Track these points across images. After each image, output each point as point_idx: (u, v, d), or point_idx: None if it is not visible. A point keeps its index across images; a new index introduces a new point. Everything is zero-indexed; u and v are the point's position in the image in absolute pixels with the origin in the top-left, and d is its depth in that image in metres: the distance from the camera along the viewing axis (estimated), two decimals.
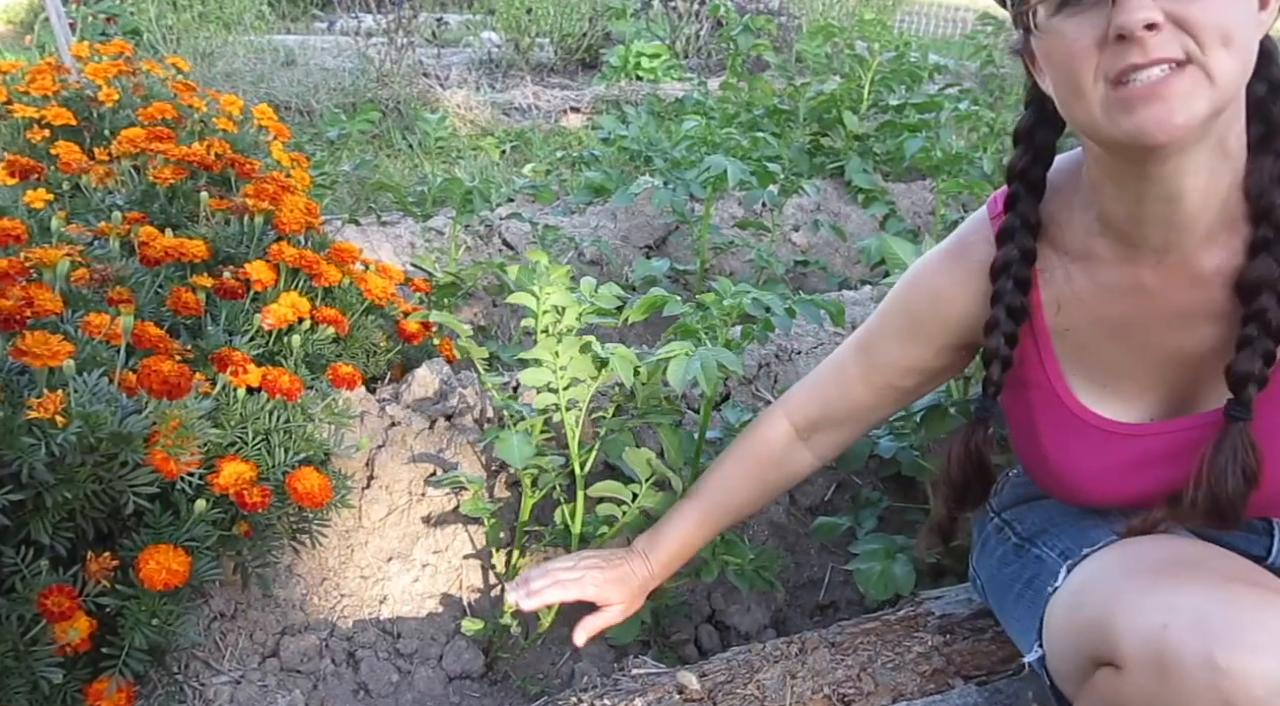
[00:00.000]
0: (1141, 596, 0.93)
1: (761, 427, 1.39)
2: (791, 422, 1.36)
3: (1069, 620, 1.04)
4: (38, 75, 2.21)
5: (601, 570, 1.37)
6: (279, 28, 6.55)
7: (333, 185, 3.24)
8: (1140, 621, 0.90)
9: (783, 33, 6.23)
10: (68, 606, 1.13)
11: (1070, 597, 1.06)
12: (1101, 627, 0.95)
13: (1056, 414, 1.09)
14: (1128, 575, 0.98)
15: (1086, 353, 1.07)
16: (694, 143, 3.06)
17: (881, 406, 1.32)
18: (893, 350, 1.26)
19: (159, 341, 1.38)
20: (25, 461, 1.11)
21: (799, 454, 1.37)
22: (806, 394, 1.37)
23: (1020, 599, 1.20)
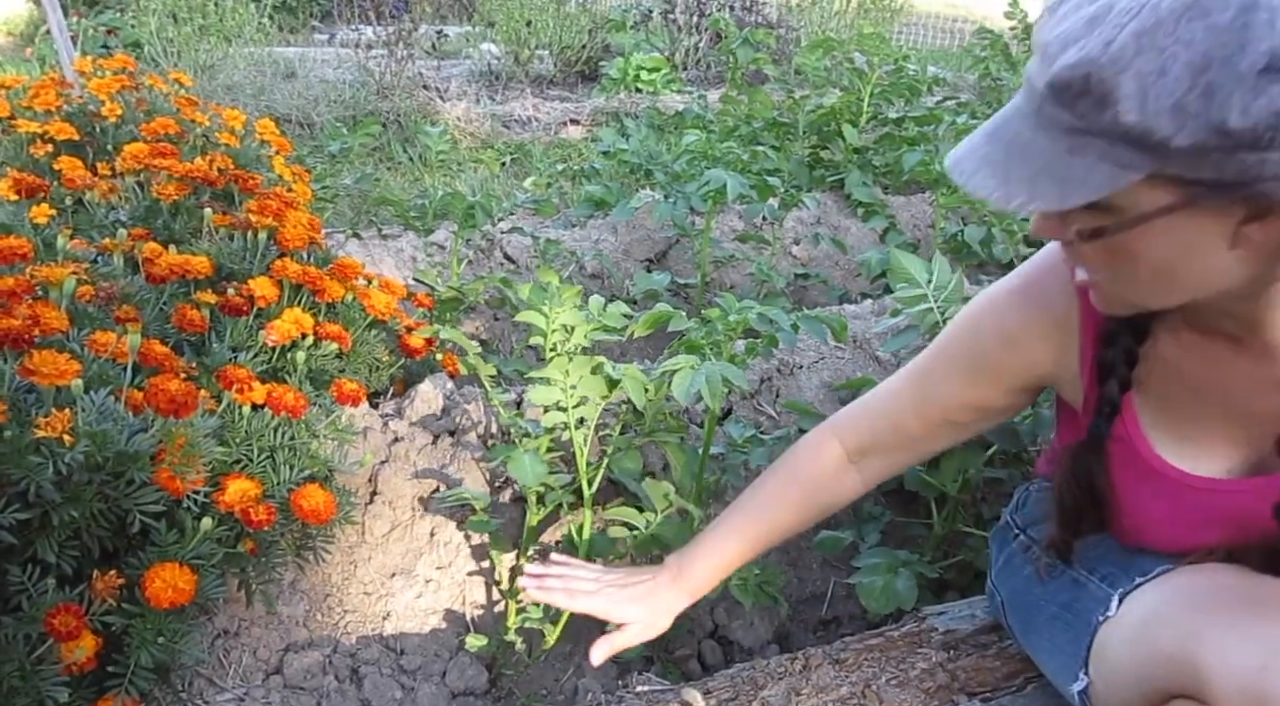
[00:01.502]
0: (1231, 633, 0.90)
1: (812, 448, 1.32)
2: (843, 445, 1.30)
3: (1135, 651, 1.01)
4: (41, 90, 2.22)
5: (621, 588, 1.30)
6: (279, 40, 6.57)
7: (334, 199, 3.24)
8: (1234, 660, 0.88)
9: (782, 45, 6.26)
10: (74, 625, 1.13)
11: (1136, 628, 1.03)
12: (1182, 662, 0.92)
13: (1131, 460, 1.06)
14: (1208, 609, 0.95)
15: (1167, 406, 1.03)
16: (694, 156, 3.07)
17: (934, 438, 1.26)
18: (951, 387, 1.19)
19: (165, 359, 1.38)
20: (32, 480, 1.11)
21: (848, 477, 1.31)
22: (858, 418, 1.31)
23: (1054, 621, 1.18)
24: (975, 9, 10.81)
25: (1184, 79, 0.71)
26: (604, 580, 1.31)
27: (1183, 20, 0.71)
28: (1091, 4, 0.76)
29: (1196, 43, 0.71)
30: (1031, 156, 0.80)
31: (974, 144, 0.85)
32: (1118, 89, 0.73)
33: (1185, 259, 0.83)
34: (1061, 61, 0.76)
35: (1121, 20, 0.73)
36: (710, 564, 1.30)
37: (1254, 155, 0.72)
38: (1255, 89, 0.70)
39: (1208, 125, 0.71)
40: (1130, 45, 0.72)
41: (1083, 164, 0.77)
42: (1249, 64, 0.69)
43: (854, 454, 1.30)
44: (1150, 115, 0.73)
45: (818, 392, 2.05)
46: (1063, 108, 0.77)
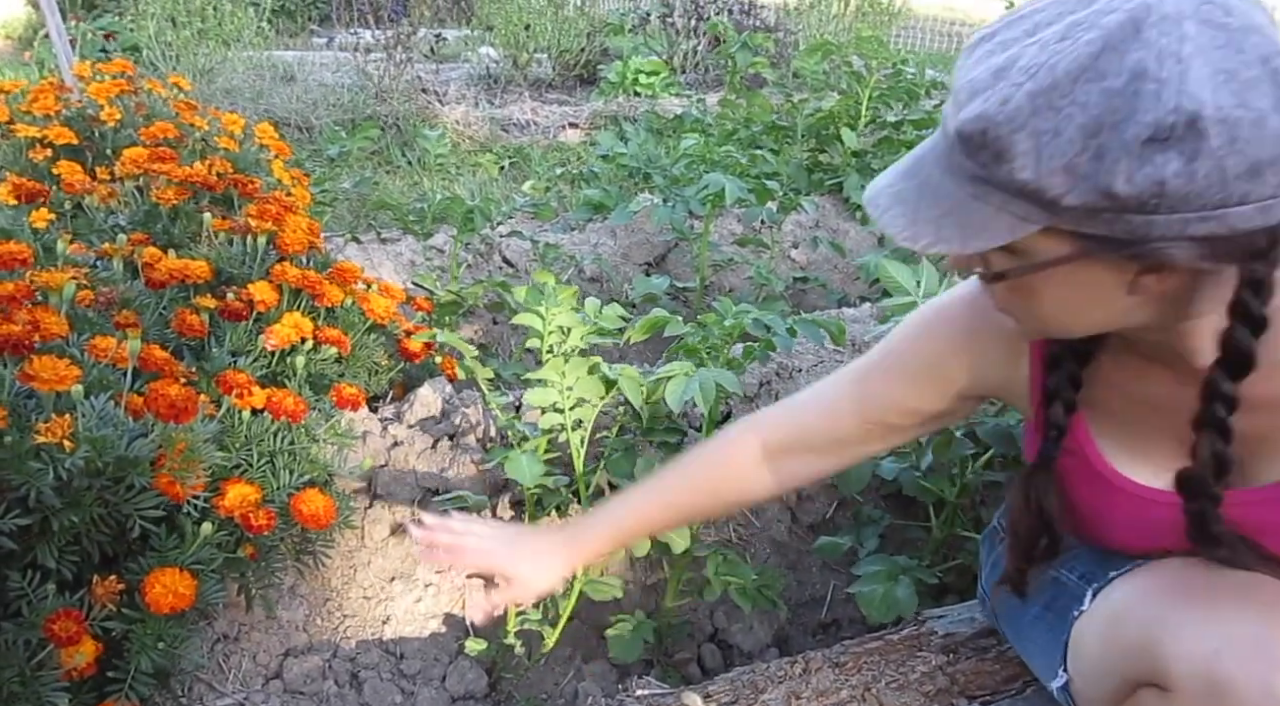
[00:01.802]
0: (1190, 619, 0.93)
1: (728, 441, 1.28)
2: (762, 441, 1.25)
3: (1105, 643, 1.03)
4: (40, 95, 2.22)
5: (509, 546, 1.25)
6: (278, 44, 6.57)
7: (333, 202, 3.24)
8: (1192, 646, 0.90)
9: (780, 49, 6.26)
10: (75, 631, 1.13)
11: (1105, 620, 1.05)
12: (1146, 650, 0.94)
13: (1085, 472, 1.07)
14: (1171, 597, 0.97)
15: (1117, 422, 1.04)
16: (693, 160, 3.08)
17: (867, 441, 1.23)
18: (895, 390, 1.17)
19: (165, 364, 1.38)
20: (33, 485, 1.11)
21: (761, 475, 1.26)
22: (785, 415, 1.27)
23: (1038, 621, 1.19)
24: (973, 12, 10.83)
25: (1076, 141, 0.72)
26: (491, 537, 1.27)
27: (1079, 82, 0.72)
28: (1002, 53, 0.77)
29: (1090, 106, 0.72)
30: (940, 198, 0.81)
31: (891, 178, 0.86)
32: (1013, 147, 0.75)
33: (1085, 303, 0.85)
34: (965, 113, 0.77)
35: (1019, 79, 0.74)
36: (604, 536, 1.28)
37: (1141, 217, 0.74)
38: (1140, 157, 0.71)
39: (1096, 188, 0.73)
40: (1026, 105, 0.73)
41: (985, 211, 0.79)
42: (1134, 133, 0.71)
43: (774, 452, 1.25)
44: (1044, 174, 0.74)
45: None
46: (967, 157, 0.78)
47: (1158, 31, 0.71)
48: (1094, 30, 0.72)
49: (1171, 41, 0.70)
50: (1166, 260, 0.76)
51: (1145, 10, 0.71)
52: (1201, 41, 0.71)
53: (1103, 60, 0.71)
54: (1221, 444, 0.90)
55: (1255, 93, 0.70)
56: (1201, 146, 0.70)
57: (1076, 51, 0.72)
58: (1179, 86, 0.70)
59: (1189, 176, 0.71)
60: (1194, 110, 0.69)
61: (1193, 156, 0.70)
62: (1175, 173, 0.71)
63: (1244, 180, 0.71)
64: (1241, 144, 0.70)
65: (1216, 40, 0.71)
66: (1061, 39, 0.73)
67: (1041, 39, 0.75)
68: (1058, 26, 0.74)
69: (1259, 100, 0.70)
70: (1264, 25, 0.72)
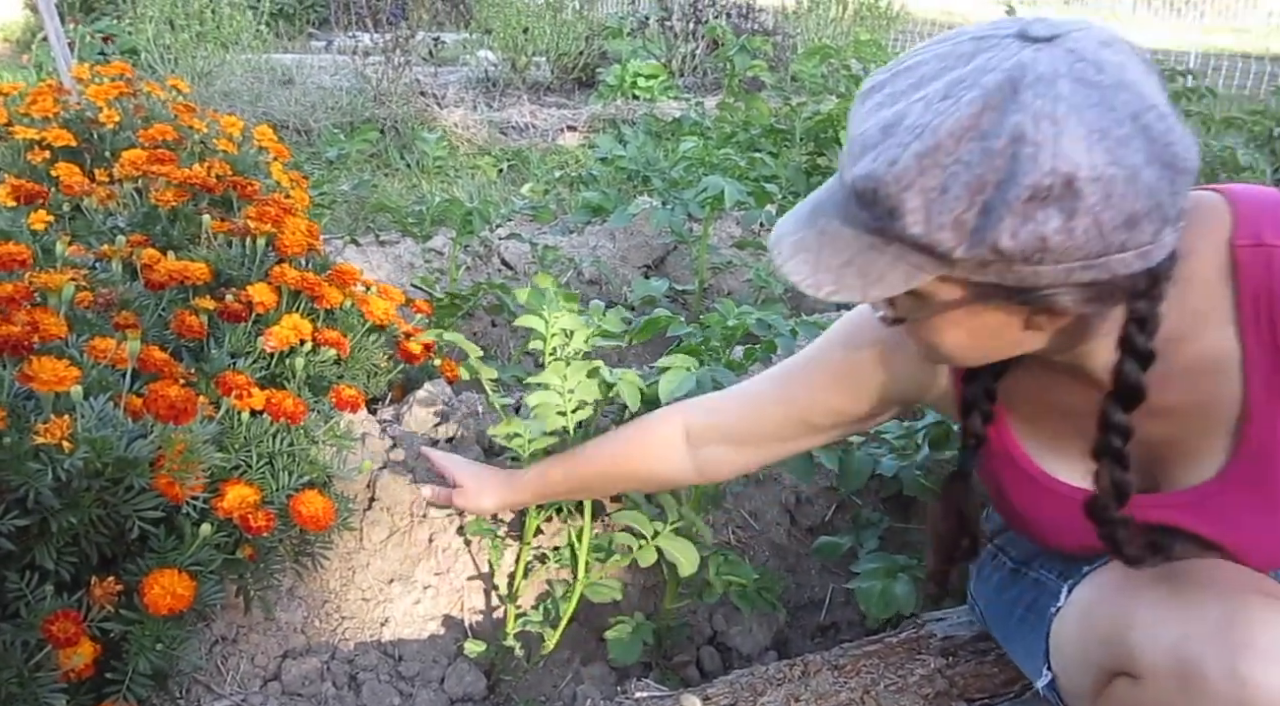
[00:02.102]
0: (1158, 607, 0.95)
1: (656, 418, 1.35)
2: (686, 426, 1.31)
3: (1080, 635, 1.05)
4: (38, 97, 2.22)
5: (465, 463, 1.53)
6: (276, 47, 6.57)
7: (331, 205, 3.25)
8: (1159, 632, 0.92)
9: (778, 52, 6.27)
10: (73, 632, 1.13)
11: (1079, 613, 1.07)
12: (1117, 639, 0.97)
13: (1016, 475, 1.10)
14: (1140, 587, 0.99)
15: (1038, 424, 1.08)
16: (692, 163, 3.08)
17: (788, 439, 1.27)
18: (818, 391, 1.21)
19: (164, 365, 1.38)
20: (31, 486, 1.11)
21: (680, 460, 1.32)
22: (712, 405, 1.33)
23: (1023, 623, 1.21)
24: (972, 16, 10.85)
25: (963, 198, 0.76)
26: (463, 463, 1.53)
27: (962, 141, 0.75)
28: (890, 106, 0.80)
29: (974, 164, 0.75)
30: (840, 248, 0.85)
31: (793, 225, 0.89)
32: (904, 204, 0.78)
33: (983, 340, 0.90)
34: (856, 170, 0.81)
35: (906, 139, 0.77)
36: (531, 487, 1.44)
37: (1028, 268, 0.77)
38: (1023, 215, 0.74)
39: (983, 242, 0.76)
40: (913, 165, 0.76)
41: (882, 261, 0.83)
42: (1015, 194, 0.74)
43: (696, 438, 1.31)
44: (934, 229, 0.78)
45: None
46: (862, 209, 0.82)
47: (1033, 93, 0.74)
48: (974, 90, 0.75)
49: (1046, 103, 0.74)
50: (1054, 306, 0.81)
51: (1021, 70, 0.75)
52: (1075, 101, 0.74)
53: (984, 120, 0.75)
54: (1120, 471, 0.94)
55: (1127, 149, 0.74)
56: (1079, 204, 0.74)
57: (959, 111, 0.75)
58: (1054, 149, 0.73)
59: (1069, 232, 0.75)
60: (1069, 172, 0.73)
61: (1071, 214, 0.74)
62: (1056, 229, 0.75)
63: (1121, 231, 0.75)
64: (1116, 199, 0.74)
65: (1090, 99, 0.74)
66: (944, 98, 0.77)
67: (926, 96, 0.78)
68: (940, 84, 0.78)
69: (1131, 156, 0.74)
70: (1135, 81, 0.76)
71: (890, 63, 0.85)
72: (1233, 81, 7.56)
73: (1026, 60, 0.75)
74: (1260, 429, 0.92)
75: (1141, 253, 0.77)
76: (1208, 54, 8.56)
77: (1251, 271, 0.89)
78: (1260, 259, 0.88)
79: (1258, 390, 0.91)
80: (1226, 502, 0.98)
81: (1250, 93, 7.33)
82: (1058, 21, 0.78)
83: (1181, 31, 10.82)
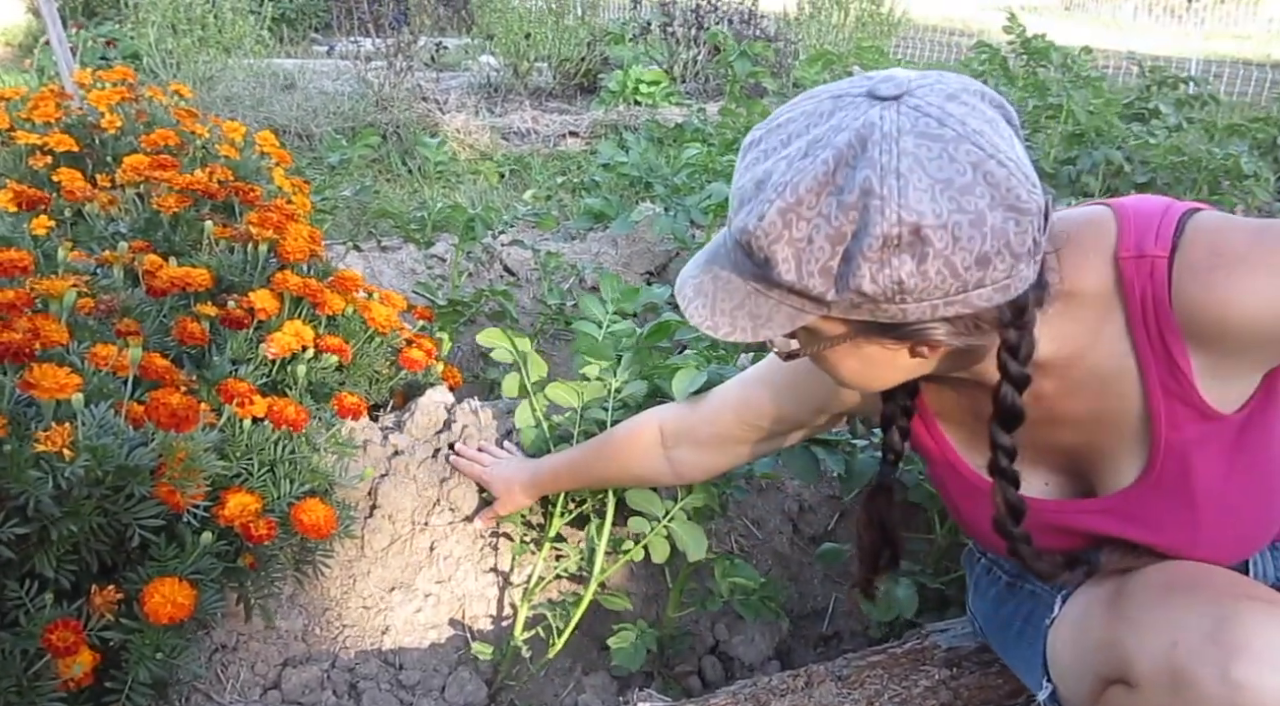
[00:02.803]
0: (1150, 613, 0.97)
1: (636, 422, 1.49)
2: (660, 429, 1.45)
3: (1075, 645, 1.07)
4: (40, 102, 2.21)
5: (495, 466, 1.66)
6: (278, 52, 6.58)
7: (333, 210, 3.24)
8: (1152, 639, 0.94)
9: (780, 58, 6.28)
10: (72, 641, 1.12)
11: (1074, 623, 1.09)
12: (1111, 647, 0.99)
13: (959, 482, 1.14)
14: (1132, 594, 1.01)
15: (969, 434, 1.12)
16: (694, 170, 3.08)
17: (745, 442, 1.37)
18: (767, 399, 1.31)
19: (165, 373, 1.37)
20: (32, 495, 1.10)
21: (657, 458, 1.45)
22: (682, 409, 1.45)
23: (1021, 636, 1.22)
24: (973, 23, 10.87)
25: (826, 248, 0.82)
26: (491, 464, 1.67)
27: (821, 196, 0.81)
28: (763, 162, 0.86)
29: (832, 217, 0.81)
30: (731, 292, 0.91)
31: (694, 270, 0.96)
32: (776, 255, 0.84)
33: (874, 367, 0.96)
34: (736, 222, 0.87)
35: (771, 196, 0.83)
36: (549, 484, 1.61)
37: (895, 306, 0.83)
38: (879, 262, 0.80)
39: (849, 286, 0.82)
40: (778, 220, 0.82)
41: (767, 304, 0.89)
42: (868, 243, 0.79)
43: (668, 440, 1.44)
44: (805, 276, 0.84)
45: None
46: (744, 258, 0.88)
47: (879, 150, 0.79)
48: (828, 149, 0.81)
49: (891, 158, 0.79)
50: (928, 339, 0.88)
51: (869, 129, 0.80)
52: (919, 155, 0.79)
53: (837, 176, 0.81)
54: (1011, 489, 1.00)
55: (970, 196, 0.79)
56: (929, 249, 0.79)
57: (815, 169, 0.81)
58: (899, 200, 0.78)
59: (923, 275, 0.80)
60: (914, 221, 0.78)
61: (922, 258, 0.80)
62: (910, 273, 0.80)
63: (975, 270, 0.81)
64: (965, 242, 0.79)
65: (931, 152, 0.79)
66: (804, 156, 0.83)
67: (789, 154, 0.84)
68: (801, 142, 0.84)
69: (975, 202, 0.79)
70: (978, 131, 0.81)
71: (768, 117, 0.91)
72: (1234, 88, 7.57)
73: (874, 119, 0.81)
74: (1167, 431, 0.96)
75: (999, 287, 0.83)
76: (1209, 60, 8.57)
77: (1137, 282, 0.93)
78: (1144, 269, 0.92)
79: (1156, 395, 0.96)
80: (1151, 504, 1.01)
81: (1252, 99, 7.33)
82: (905, 79, 0.84)
83: (1182, 38, 10.83)
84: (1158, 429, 0.97)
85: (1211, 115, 4.41)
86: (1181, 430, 0.96)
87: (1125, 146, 3.62)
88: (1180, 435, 0.96)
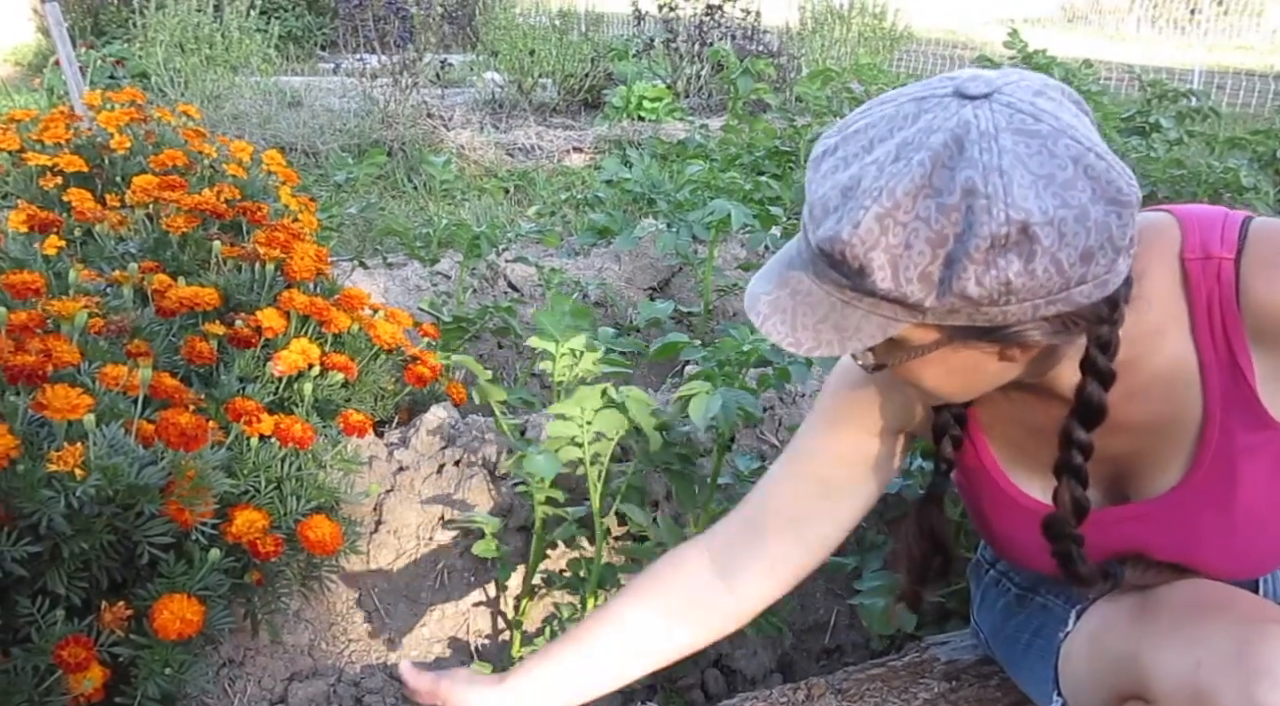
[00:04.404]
0: (1172, 632, 0.96)
1: (670, 555, 1.20)
2: (709, 548, 1.17)
3: (1091, 661, 1.06)
4: (50, 123, 2.25)
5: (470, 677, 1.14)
6: (285, 69, 6.64)
7: (339, 228, 3.27)
8: (1173, 658, 0.93)
9: (782, 73, 6.31)
10: (83, 657, 1.14)
11: (1090, 638, 1.08)
12: (1130, 664, 0.97)
13: (995, 494, 1.12)
14: (1152, 612, 1.00)
15: (1012, 443, 1.11)
16: (697, 186, 3.10)
17: (808, 509, 1.16)
18: (816, 439, 1.17)
19: (175, 392, 1.40)
20: (44, 514, 1.12)
21: (714, 592, 1.16)
22: (727, 518, 1.21)
23: (1030, 649, 1.21)
24: (975, 36, 10.91)
25: (926, 252, 0.80)
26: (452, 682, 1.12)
27: (918, 199, 0.79)
28: (845, 169, 0.83)
29: (932, 220, 0.79)
30: (814, 305, 0.88)
31: (766, 286, 0.92)
32: (871, 263, 0.81)
33: (961, 375, 0.94)
34: (821, 232, 0.84)
35: (865, 202, 0.80)
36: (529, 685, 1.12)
37: (995, 309, 0.81)
38: (985, 263, 0.78)
39: (950, 291, 0.80)
40: (875, 227, 0.80)
41: (856, 315, 0.86)
42: (975, 245, 0.78)
43: (721, 554, 1.17)
44: (902, 283, 0.81)
45: None
46: (830, 268, 0.85)
47: (979, 148, 0.78)
48: (923, 151, 0.79)
49: (992, 157, 0.78)
50: (1024, 340, 0.85)
51: (965, 128, 0.79)
52: (1019, 152, 0.78)
53: (935, 178, 0.79)
54: (1080, 489, 0.98)
55: (1073, 191, 0.78)
56: (1036, 247, 0.78)
57: (911, 172, 0.79)
58: (1006, 199, 0.77)
59: (1030, 274, 0.79)
60: (1022, 219, 0.77)
61: (1030, 257, 0.78)
62: (1017, 272, 0.78)
63: (1079, 266, 0.79)
64: (1070, 237, 0.78)
65: (1030, 148, 0.78)
66: (895, 160, 0.81)
67: (878, 159, 0.82)
68: (889, 145, 0.82)
69: (1078, 196, 0.78)
70: (1071, 125, 0.80)
71: (838, 125, 0.89)
72: (1237, 99, 7.59)
73: (968, 117, 0.79)
74: (1219, 438, 0.96)
75: (1099, 283, 0.81)
76: (1212, 71, 8.60)
77: (1203, 283, 0.92)
78: (1210, 270, 0.92)
79: (1214, 399, 0.95)
80: (1187, 510, 1.00)
81: (1255, 110, 7.35)
82: (991, 77, 0.82)
83: (1185, 49, 10.84)
84: (1209, 435, 0.96)
85: (1212, 128, 4.43)
86: (1234, 438, 0.95)
87: (1126, 160, 3.64)
88: (1232, 443, 0.95)
